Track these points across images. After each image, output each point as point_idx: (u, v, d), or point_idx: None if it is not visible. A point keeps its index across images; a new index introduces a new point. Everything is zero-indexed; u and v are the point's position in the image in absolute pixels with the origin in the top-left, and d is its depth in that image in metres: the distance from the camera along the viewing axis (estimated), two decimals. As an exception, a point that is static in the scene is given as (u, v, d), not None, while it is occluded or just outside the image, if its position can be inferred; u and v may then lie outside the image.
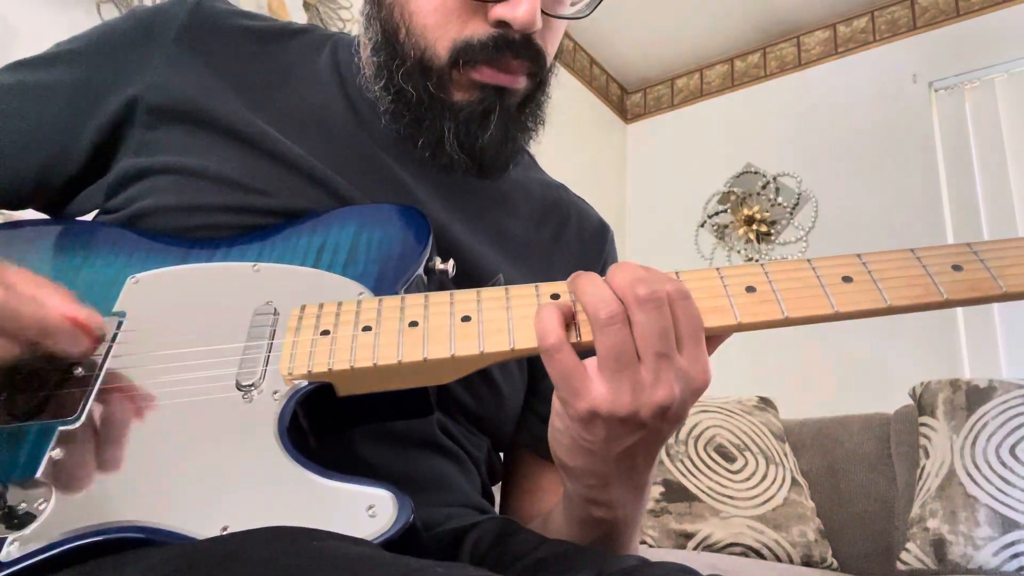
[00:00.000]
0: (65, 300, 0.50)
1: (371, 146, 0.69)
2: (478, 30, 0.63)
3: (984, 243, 0.50)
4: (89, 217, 0.69)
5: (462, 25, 0.63)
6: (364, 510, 0.44)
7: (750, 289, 0.50)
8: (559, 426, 0.51)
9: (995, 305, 2.55)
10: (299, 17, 2.17)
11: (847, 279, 0.50)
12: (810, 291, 0.49)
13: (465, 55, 0.63)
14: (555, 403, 0.50)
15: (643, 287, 0.46)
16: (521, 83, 0.67)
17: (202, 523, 0.44)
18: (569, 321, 0.49)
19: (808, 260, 0.51)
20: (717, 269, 0.51)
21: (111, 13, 1.77)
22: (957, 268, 0.49)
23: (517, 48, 0.63)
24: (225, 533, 0.44)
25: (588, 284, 0.48)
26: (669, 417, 0.47)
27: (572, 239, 0.80)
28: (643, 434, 0.48)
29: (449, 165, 0.68)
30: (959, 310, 2.60)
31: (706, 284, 0.50)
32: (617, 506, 0.55)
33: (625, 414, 0.46)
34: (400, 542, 0.43)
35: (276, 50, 0.73)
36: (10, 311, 0.47)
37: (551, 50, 0.69)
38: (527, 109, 0.69)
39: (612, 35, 3.39)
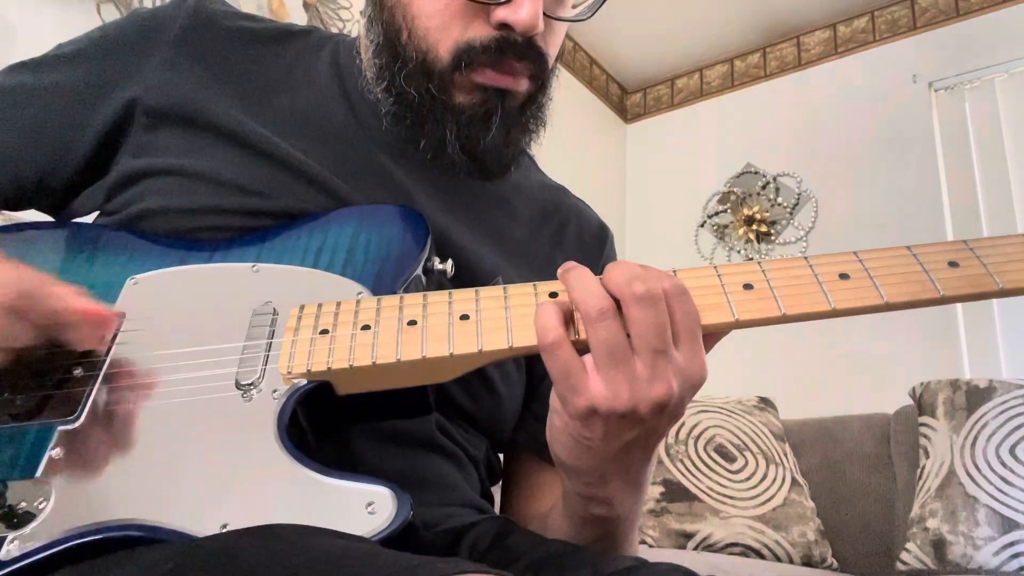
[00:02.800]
0: (79, 295, 0.52)
1: (370, 148, 0.70)
2: (480, 32, 0.63)
3: (980, 240, 0.50)
4: (89, 218, 0.69)
5: (464, 27, 0.63)
6: (363, 507, 0.44)
7: (747, 287, 0.50)
8: (558, 424, 0.51)
9: (995, 305, 2.56)
10: (299, 17, 2.17)
11: (844, 276, 0.50)
12: (807, 288, 0.49)
13: (467, 57, 0.63)
14: (553, 401, 0.50)
15: (640, 284, 0.46)
16: (523, 85, 0.67)
17: (201, 521, 0.45)
18: (568, 319, 0.49)
19: (805, 258, 0.51)
20: (715, 267, 0.51)
21: (111, 13, 1.77)
22: (953, 265, 0.49)
23: (519, 50, 0.64)
24: (224, 531, 0.44)
25: (577, 280, 0.48)
26: (667, 413, 0.47)
27: (572, 241, 0.80)
28: (641, 430, 0.48)
29: (451, 167, 0.68)
30: (959, 310, 2.60)
31: (703, 282, 0.50)
32: (615, 503, 0.55)
33: (624, 410, 0.46)
34: (399, 539, 0.43)
35: (275, 52, 0.73)
36: (32, 299, 0.49)
37: (553, 52, 0.69)
38: (528, 111, 0.69)
39: (612, 35, 3.39)
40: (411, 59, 0.65)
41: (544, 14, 0.63)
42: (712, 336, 0.50)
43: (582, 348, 0.48)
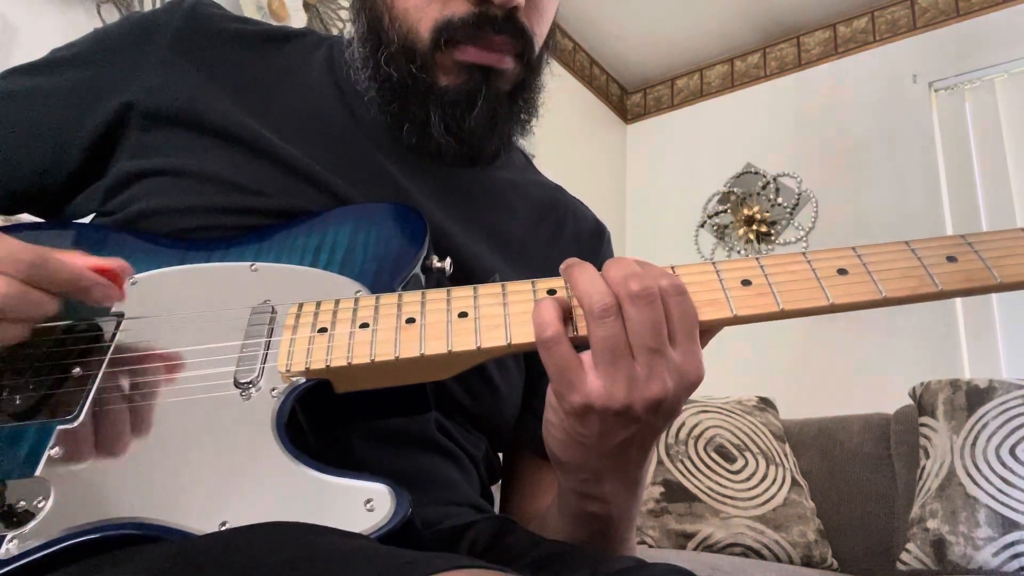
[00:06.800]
0: (86, 256, 0.52)
1: (367, 146, 0.70)
2: (459, 8, 0.63)
3: (978, 234, 0.51)
4: (86, 220, 0.69)
5: (443, 5, 0.64)
6: (362, 504, 0.44)
7: (745, 283, 0.50)
8: (553, 420, 0.51)
9: (995, 305, 2.55)
10: (299, 17, 2.17)
11: (842, 271, 0.50)
12: (805, 284, 0.50)
13: (447, 34, 0.63)
14: (550, 397, 0.51)
15: (636, 282, 0.46)
16: (507, 63, 0.66)
17: (201, 519, 0.45)
18: (566, 315, 0.49)
19: (803, 253, 0.51)
20: (713, 263, 0.51)
21: (111, 13, 1.77)
22: (952, 259, 0.49)
23: (499, 24, 0.64)
24: (224, 529, 0.44)
25: (582, 275, 0.49)
26: (662, 412, 0.48)
27: (569, 239, 0.80)
28: (637, 428, 0.48)
29: (437, 151, 0.68)
30: (959, 310, 2.60)
31: (702, 278, 0.50)
32: (610, 500, 0.55)
33: (619, 408, 0.46)
34: (398, 536, 0.43)
35: (271, 53, 0.73)
36: (44, 267, 0.49)
37: (539, 31, 0.69)
38: (519, 97, 0.69)
39: (612, 35, 3.39)
40: (392, 41, 0.66)
41: None
42: (706, 332, 0.50)
43: (579, 345, 0.48)
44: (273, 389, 0.51)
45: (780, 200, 3.14)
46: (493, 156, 0.71)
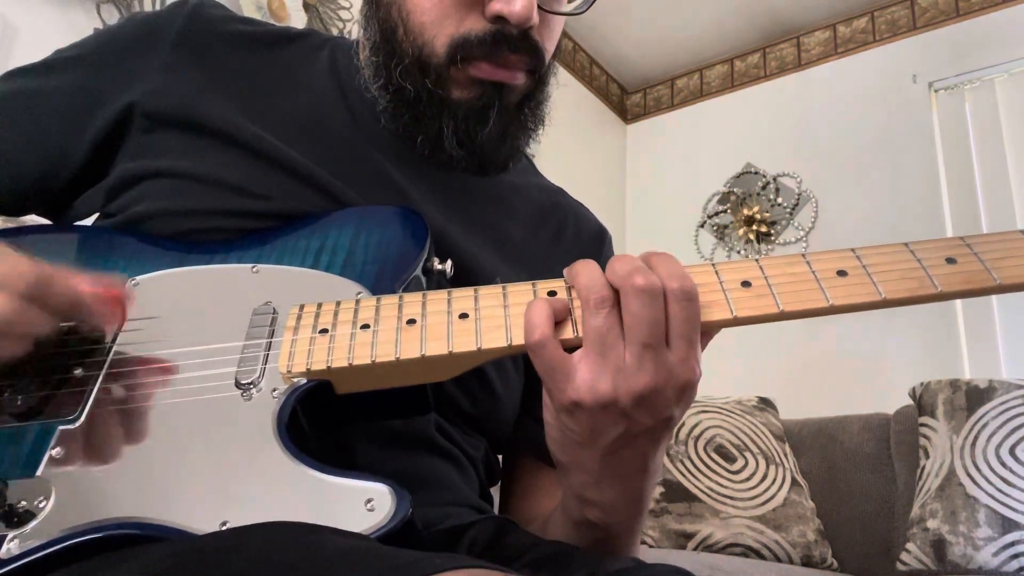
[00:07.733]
0: (92, 277, 0.53)
1: (368, 148, 0.70)
2: (475, 26, 0.63)
3: (978, 236, 0.51)
4: (89, 221, 0.69)
5: (459, 21, 0.64)
6: (362, 504, 0.44)
7: (745, 284, 0.50)
8: (549, 419, 0.52)
9: (995, 305, 2.56)
10: (299, 18, 2.17)
11: (842, 273, 0.50)
12: (805, 285, 0.50)
13: (463, 51, 0.63)
14: (544, 396, 0.51)
15: (641, 277, 0.47)
16: (520, 79, 0.67)
17: (201, 519, 0.45)
18: (565, 316, 0.50)
19: (803, 255, 0.51)
20: (712, 264, 0.52)
21: (111, 14, 1.77)
22: (951, 261, 0.50)
23: (514, 43, 0.64)
24: (224, 529, 0.44)
25: (584, 269, 0.49)
26: (649, 406, 0.48)
27: (570, 242, 0.80)
28: (626, 425, 0.48)
29: (448, 163, 0.68)
30: (959, 310, 2.60)
31: (701, 279, 0.50)
32: (610, 510, 0.55)
33: (605, 400, 0.47)
34: (398, 536, 0.43)
35: (274, 54, 0.73)
36: (49, 284, 0.49)
37: (549, 47, 0.69)
38: (526, 108, 0.69)
39: (612, 35, 3.39)
40: (407, 54, 0.65)
41: (540, 8, 0.64)
42: (705, 334, 0.51)
43: (577, 345, 0.49)
44: (274, 390, 0.51)
45: (780, 200, 3.15)
46: (502, 167, 0.71)
